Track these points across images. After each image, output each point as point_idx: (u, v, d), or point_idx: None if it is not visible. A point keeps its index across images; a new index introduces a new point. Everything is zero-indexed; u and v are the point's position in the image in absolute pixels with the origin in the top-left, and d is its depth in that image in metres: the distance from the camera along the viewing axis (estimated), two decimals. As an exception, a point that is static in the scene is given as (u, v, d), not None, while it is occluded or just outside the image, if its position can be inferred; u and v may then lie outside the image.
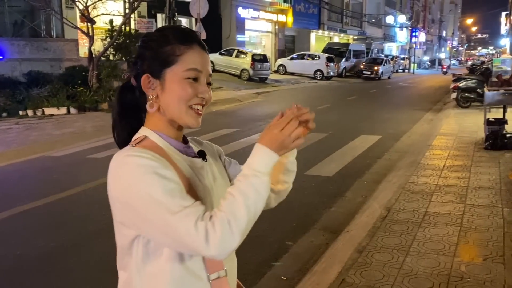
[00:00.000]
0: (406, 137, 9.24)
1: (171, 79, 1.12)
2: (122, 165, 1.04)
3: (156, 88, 1.14)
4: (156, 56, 1.14)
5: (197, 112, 1.15)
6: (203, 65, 1.15)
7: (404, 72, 43.33)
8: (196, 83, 1.13)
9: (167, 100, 1.13)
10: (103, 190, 4.51)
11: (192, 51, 1.13)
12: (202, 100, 1.15)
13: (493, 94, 7.41)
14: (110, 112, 7.61)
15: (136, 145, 1.11)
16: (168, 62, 1.12)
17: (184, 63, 1.12)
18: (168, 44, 1.13)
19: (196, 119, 1.15)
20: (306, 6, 32.93)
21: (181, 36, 1.15)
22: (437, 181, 5.46)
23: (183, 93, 1.11)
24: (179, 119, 1.14)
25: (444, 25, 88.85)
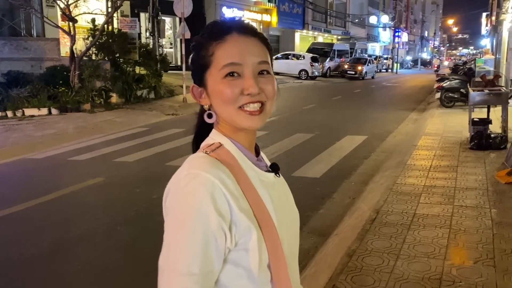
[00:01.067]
0: (391, 137, 9.26)
1: (212, 83, 1.00)
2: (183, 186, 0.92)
3: (206, 97, 1.03)
4: (196, 62, 1.04)
5: (250, 112, 0.99)
6: (243, 55, 0.99)
7: (387, 72, 43.69)
8: (239, 78, 0.98)
9: (216, 107, 1.02)
10: (86, 193, 4.42)
11: (225, 44, 0.99)
12: (250, 97, 0.98)
13: (478, 94, 7.45)
14: (92, 113, 7.42)
15: (211, 152, 0.99)
16: (205, 66, 1.01)
17: (218, 60, 0.99)
18: (204, 45, 1.01)
19: (250, 120, 1.00)
20: (290, 6, 32.93)
21: (211, 31, 1.02)
22: (424, 182, 5.45)
23: (223, 95, 0.99)
24: (234, 123, 1.01)
25: (426, 25, 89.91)
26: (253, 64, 0.99)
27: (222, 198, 0.92)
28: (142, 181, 6.22)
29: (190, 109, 14.21)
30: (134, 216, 4.92)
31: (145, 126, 10.98)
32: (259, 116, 1.00)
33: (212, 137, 1.04)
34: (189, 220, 0.89)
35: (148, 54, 15.19)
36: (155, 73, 14.91)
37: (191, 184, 0.91)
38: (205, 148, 1.01)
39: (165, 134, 9.82)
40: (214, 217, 0.90)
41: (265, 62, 1.01)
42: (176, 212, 0.92)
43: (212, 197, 0.90)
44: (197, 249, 0.89)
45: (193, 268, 0.88)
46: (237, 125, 1.01)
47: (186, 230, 0.89)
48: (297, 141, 8.88)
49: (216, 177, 0.92)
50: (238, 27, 1.01)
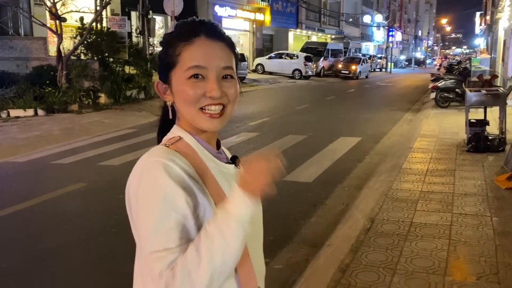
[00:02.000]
0: (386, 139, 9.02)
1: (176, 82, 1.03)
2: (149, 170, 0.96)
3: (169, 94, 1.07)
4: (162, 59, 1.07)
5: (209, 114, 1.03)
6: (208, 58, 1.01)
7: (381, 71, 43.56)
8: (202, 81, 1.01)
9: (177, 105, 1.05)
10: (65, 200, 4.03)
11: (192, 46, 1.02)
12: (212, 99, 1.01)
13: (475, 95, 7.22)
14: (80, 114, 7.04)
15: (170, 145, 1.02)
16: (171, 64, 1.04)
17: (184, 61, 1.01)
18: (172, 44, 1.04)
19: (209, 122, 1.03)
20: (284, 5, 32.67)
21: (182, 31, 1.05)
22: (421, 187, 5.20)
23: (185, 95, 1.02)
24: (193, 122, 1.05)
25: (420, 24, 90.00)
26: (217, 68, 1.01)
27: (182, 177, 0.95)
28: (126, 186, 5.93)
29: (181, 110, 13.94)
30: (114, 225, 4.63)
31: (134, 127, 10.68)
32: (218, 119, 1.03)
33: (173, 131, 1.08)
34: (156, 204, 0.92)
35: (138, 54, 14.89)
36: (145, 73, 14.60)
37: (150, 171, 0.95)
38: (165, 141, 1.05)
39: (153, 136, 9.26)
40: (180, 194, 0.93)
41: (229, 68, 1.04)
42: (142, 200, 0.94)
43: (172, 177, 0.93)
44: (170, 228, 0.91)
45: (167, 243, 0.91)
46: (197, 126, 1.04)
47: (156, 214, 0.92)
48: (289, 143, 8.62)
49: (172, 161, 0.96)
50: (206, 30, 1.03)
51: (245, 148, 8.08)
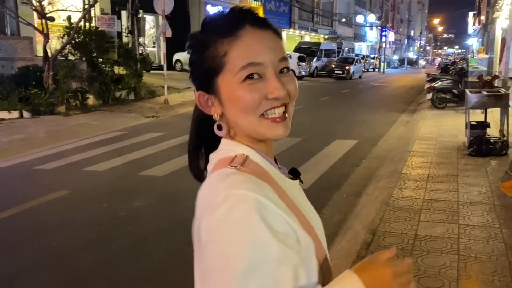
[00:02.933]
0: (383, 142, 8.74)
1: (227, 90, 0.85)
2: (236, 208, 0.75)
3: (217, 106, 0.88)
4: (201, 65, 0.87)
5: (273, 120, 0.86)
6: (264, 51, 0.84)
7: (374, 71, 43.41)
8: (260, 81, 0.84)
9: (231, 117, 0.87)
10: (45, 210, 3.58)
11: (240, 41, 0.84)
12: (276, 101, 0.85)
13: (476, 96, 6.95)
14: (67, 116, 6.56)
15: (241, 167, 0.83)
16: (215, 69, 0.85)
17: (233, 62, 0.83)
18: (209, 43, 0.85)
19: (276, 128, 0.86)
20: (277, 5, 32.40)
21: (218, 26, 0.86)
22: (423, 194, 4.92)
23: (243, 102, 0.84)
24: (256, 134, 0.87)
25: (412, 24, 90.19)
26: (273, 62, 0.85)
27: (277, 218, 0.78)
28: (111, 194, 5.60)
29: (172, 111, 13.60)
30: (95, 238, 4.31)
31: (123, 129, 10.33)
32: (284, 123, 0.87)
33: (231, 148, 0.89)
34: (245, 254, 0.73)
35: (127, 54, 14.52)
36: (135, 73, 14.24)
37: (238, 210, 0.75)
38: (229, 162, 0.84)
39: (143, 138, 9.19)
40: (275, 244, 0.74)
41: (285, 59, 0.88)
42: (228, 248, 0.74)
43: (266, 221, 0.75)
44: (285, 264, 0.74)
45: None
46: (261, 136, 0.87)
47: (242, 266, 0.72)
48: (283, 146, 8.30)
49: (264, 195, 0.78)
50: (250, 19, 0.86)
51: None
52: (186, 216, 4.43)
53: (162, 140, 8.94)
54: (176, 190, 5.67)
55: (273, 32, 0.88)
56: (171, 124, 11.24)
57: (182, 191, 5.62)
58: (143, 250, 4.05)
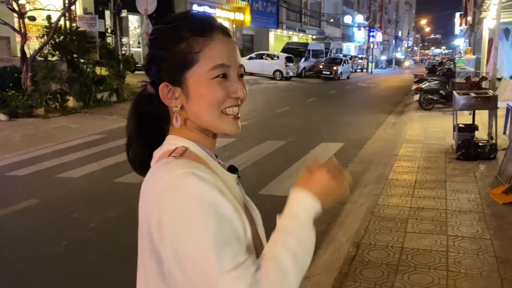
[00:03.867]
0: (369, 144, 8.54)
1: (195, 84, 0.90)
2: (178, 186, 0.81)
3: (179, 98, 0.92)
4: (171, 58, 0.91)
5: (234, 116, 0.94)
6: (231, 56, 0.92)
7: (362, 71, 43.39)
8: (226, 81, 0.91)
9: (194, 109, 0.92)
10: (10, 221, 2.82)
11: (214, 42, 0.91)
12: (237, 100, 0.94)
13: (464, 98, 6.77)
14: (46, 118, 6.16)
15: (179, 157, 0.88)
16: (187, 64, 0.90)
17: (207, 60, 0.90)
18: (182, 39, 0.90)
19: (235, 125, 0.95)
20: (264, 5, 32.17)
21: (197, 25, 0.91)
22: (410, 202, 4.70)
23: (212, 97, 0.90)
24: (214, 128, 0.94)
25: (400, 25, 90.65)
26: (236, 66, 0.94)
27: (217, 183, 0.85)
28: (83, 203, 5.30)
29: (155, 113, 13.29)
30: (62, 253, 4.01)
31: (102, 132, 10.00)
32: (238, 120, 0.96)
33: (172, 142, 0.94)
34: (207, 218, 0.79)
35: (110, 54, 14.16)
36: (118, 74, 13.89)
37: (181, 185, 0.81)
38: (169, 154, 0.89)
39: (122, 142, 8.66)
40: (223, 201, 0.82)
41: (242, 66, 0.97)
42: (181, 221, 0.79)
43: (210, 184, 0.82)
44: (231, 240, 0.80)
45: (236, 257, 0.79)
46: (218, 130, 0.95)
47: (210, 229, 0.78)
48: (267, 149, 8.08)
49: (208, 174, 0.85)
50: (221, 27, 0.94)
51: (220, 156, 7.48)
52: None
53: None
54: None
55: (233, 43, 0.95)
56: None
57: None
58: (112, 266, 3.77)
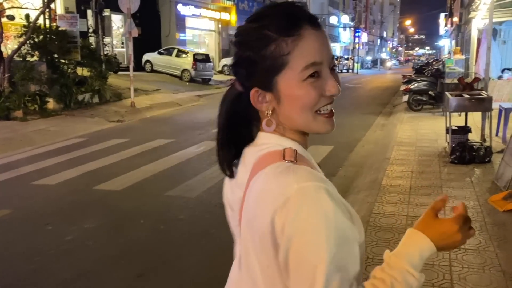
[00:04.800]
0: (360, 147, 8.31)
1: (287, 87, 0.86)
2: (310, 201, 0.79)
3: (270, 102, 0.89)
4: (260, 63, 0.86)
5: (328, 116, 0.90)
6: (322, 51, 0.87)
7: (348, 72, 43.37)
8: (319, 79, 0.87)
9: (287, 112, 0.89)
10: None
11: (303, 40, 0.85)
12: (331, 98, 0.90)
13: (457, 100, 6.57)
14: (24, 121, 5.60)
15: (296, 161, 0.85)
16: (278, 67, 0.85)
17: (298, 61, 0.85)
18: (270, 41, 0.85)
19: (329, 123, 0.91)
20: (250, 4, 31.90)
21: (284, 23, 0.85)
22: (406, 210, 4.46)
23: (306, 100, 0.87)
24: (308, 129, 0.91)
25: (385, 25, 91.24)
26: (328, 60, 0.89)
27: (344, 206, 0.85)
28: (59, 213, 4.96)
29: (139, 115, 12.91)
30: (33, 270, 3.68)
31: (83, 136, 9.64)
32: (333, 118, 0.92)
33: (277, 142, 0.90)
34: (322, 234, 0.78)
35: (92, 54, 13.74)
36: (100, 75, 13.48)
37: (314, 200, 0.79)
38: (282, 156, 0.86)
39: (104, 146, 8.53)
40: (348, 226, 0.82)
41: (334, 57, 0.93)
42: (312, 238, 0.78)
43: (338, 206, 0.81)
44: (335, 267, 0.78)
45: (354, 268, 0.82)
46: (313, 131, 0.92)
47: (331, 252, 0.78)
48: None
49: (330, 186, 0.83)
50: (308, 17, 0.88)
51: (206, 161, 7.20)
52: (142, 240, 3.79)
53: (125, 147, 8.30)
54: (133, 207, 5.08)
55: (322, 33, 0.89)
56: (136, 129, 10.60)
57: (139, 208, 5.04)
58: (89, 285, 3.45)
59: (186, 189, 5.68)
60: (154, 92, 16.60)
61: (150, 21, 23.22)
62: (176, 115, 13.03)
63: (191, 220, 4.65)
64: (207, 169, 6.62)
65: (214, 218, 4.63)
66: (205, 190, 5.58)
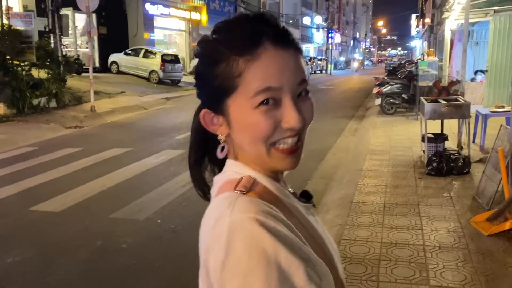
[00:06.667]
0: (331, 155, 7.80)
1: (237, 113, 0.76)
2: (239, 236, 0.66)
3: (223, 126, 0.79)
4: (210, 82, 0.76)
5: (284, 151, 0.76)
6: (283, 74, 0.74)
7: (321, 73, 43.21)
8: (275, 107, 0.74)
9: (238, 141, 0.79)
10: None
11: (258, 61, 0.73)
12: (290, 131, 0.75)
13: (434, 106, 6.12)
14: None
15: (248, 192, 0.75)
16: (226, 89, 0.75)
17: (249, 85, 0.73)
18: (222, 58, 0.74)
19: (287, 161, 0.77)
20: (221, 4, 31.27)
21: (236, 38, 0.74)
22: (380, 235, 3.94)
23: (255, 131, 0.74)
24: (263, 163, 0.78)
25: (358, 26, 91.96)
26: (292, 85, 0.75)
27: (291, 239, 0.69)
28: (-19, 243, 4.25)
29: (99, 120, 12.12)
30: None
31: (34, 144, 8.85)
32: (296, 154, 0.78)
33: (236, 170, 0.80)
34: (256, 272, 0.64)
35: (48, 55, 12.88)
36: (57, 78, 12.64)
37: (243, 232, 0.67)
38: (234, 185, 0.76)
39: (54, 156, 7.78)
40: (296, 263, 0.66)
41: (304, 81, 0.77)
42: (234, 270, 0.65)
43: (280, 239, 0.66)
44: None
45: None
46: (267, 167, 0.79)
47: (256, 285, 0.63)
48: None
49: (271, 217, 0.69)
50: (271, 34, 0.75)
51: (164, 173, 6.57)
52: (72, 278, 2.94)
53: (77, 157, 7.58)
54: (71, 234, 4.41)
55: (294, 50, 0.78)
56: (94, 137, 9.85)
57: (77, 236, 4.37)
58: None
59: (135, 209, 5.03)
60: (118, 95, 15.80)
61: (117, 20, 22.35)
62: (139, 119, 12.31)
63: (135, 250, 4.01)
64: (163, 184, 5.99)
65: (162, 248, 4.02)
66: (156, 211, 4.94)
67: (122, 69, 20.78)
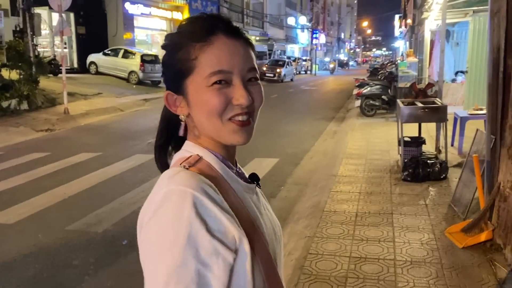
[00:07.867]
0: (307, 159, 7.57)
1: (195, 91, 0.86)
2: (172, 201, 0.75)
3: (183, 106, 0.89)
4: (172, 66, 0.88)
5: (238, 123, 0.85)
6: (233, 60, 0.85)
7: (306, 73, 43.11)
8: (228, 87, 0.84)
9: (197, 118, 0.88)
10: None
11: (211, 47, 0.84)
12: (240, 107, 0.85)
13: (410, 109, 5.93)
14: None
15: (190, 167, 0.83)
16: (185, 71, 0.86)
17: (203, 66, 0.84)
18: (181, 46, 0.87)
19: (239, 134, 0.86)
20: (203, 4, 30.91)
21: (194, 29, 0.87)
22: (350, 248, 3.70)
23: (209, 105, 0.84)
24: (219, 137, 0.87)
25: (342, 27, 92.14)
26: (242, 71, 0.86)
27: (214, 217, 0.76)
28: None
29: (72, 123, 11.73)
30: None
31: (1, 149, 8.46)
32: (248, 128, 0.87)
33: (188, 149, 0.90)
34: (176, 247, 0.72)
35: (19, 56, 12.45)
36: (29, 79, 12.21)
37: (173, 203, 0.75)
38: (181, 162, 0.86)
39: (19, 162, 7.42)
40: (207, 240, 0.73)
41: (253, 69, 0.89)
42: (158, 241, 0.74)
43: (202, 217, 0.74)
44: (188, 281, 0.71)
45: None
46: (223, 141, 0.88)
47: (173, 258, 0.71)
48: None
49: (204, 193, 0.77)
50: (224, 27, 0.87)
51: (131, 180, 6.26)
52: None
53: (42, 163, 7.24)
54: (22, 247, 4.10)
55: (244, 41, 0.89)
56: (64, 140, 9.48)
57: (26, 251, 4.05)
58: None
59: (94, 220, 4.73)
60: (95, 96, 15.38)
61: (96, 20, 21.90)
62: (114, 122, 11.95)
63: (86, 268, 3.71)
64: (128, 192, 5.69)
65: (116, 264, 3.73)
66: (116, 222, 4.65)
67: (101, 70, 20.35)
